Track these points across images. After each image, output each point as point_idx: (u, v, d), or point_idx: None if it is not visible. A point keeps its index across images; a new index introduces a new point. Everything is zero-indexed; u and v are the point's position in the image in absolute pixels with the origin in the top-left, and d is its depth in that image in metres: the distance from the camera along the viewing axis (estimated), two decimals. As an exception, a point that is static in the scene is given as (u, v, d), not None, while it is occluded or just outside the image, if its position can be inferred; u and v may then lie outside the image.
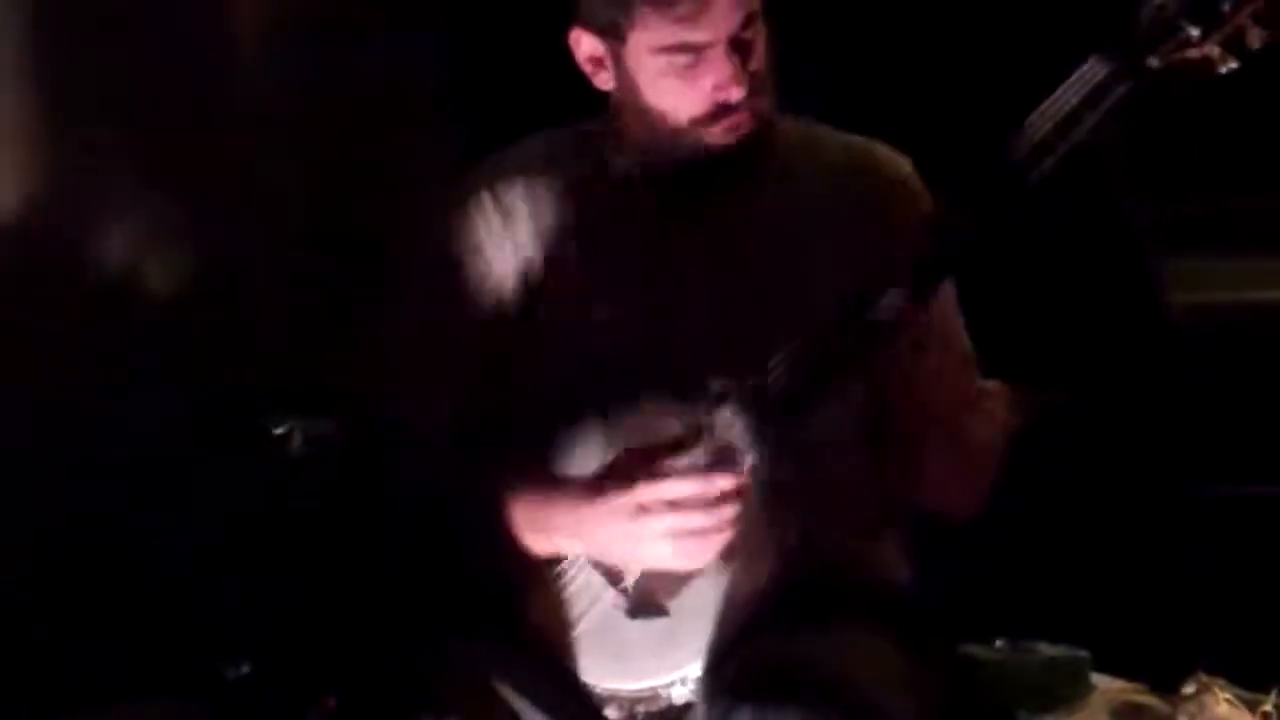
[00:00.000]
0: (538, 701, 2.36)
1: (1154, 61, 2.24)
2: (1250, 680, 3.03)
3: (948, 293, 2.50)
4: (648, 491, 2.36)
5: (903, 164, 2.60)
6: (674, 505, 2.36)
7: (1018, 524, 3.37)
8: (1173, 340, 3.72)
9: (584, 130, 2.67)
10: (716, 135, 2.51)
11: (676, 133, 2.51)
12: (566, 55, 2.65)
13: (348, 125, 3.59)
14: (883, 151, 2.61)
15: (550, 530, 2.42)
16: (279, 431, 3.20)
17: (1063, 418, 3.16)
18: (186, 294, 3.50)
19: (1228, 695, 2.99)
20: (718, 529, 2.35)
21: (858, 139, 2.63)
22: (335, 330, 3.39)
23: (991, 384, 2.53)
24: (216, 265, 3.52)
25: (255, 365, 3.45)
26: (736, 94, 2.48)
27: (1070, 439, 3.53)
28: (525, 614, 2.44)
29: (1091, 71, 2.27)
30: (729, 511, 2.35)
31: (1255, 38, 2.22)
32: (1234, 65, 2.23)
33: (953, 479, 2.49)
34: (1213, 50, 2.23)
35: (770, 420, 2.38)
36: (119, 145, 3.47)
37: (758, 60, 2.50)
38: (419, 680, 2.37)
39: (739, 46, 2.48)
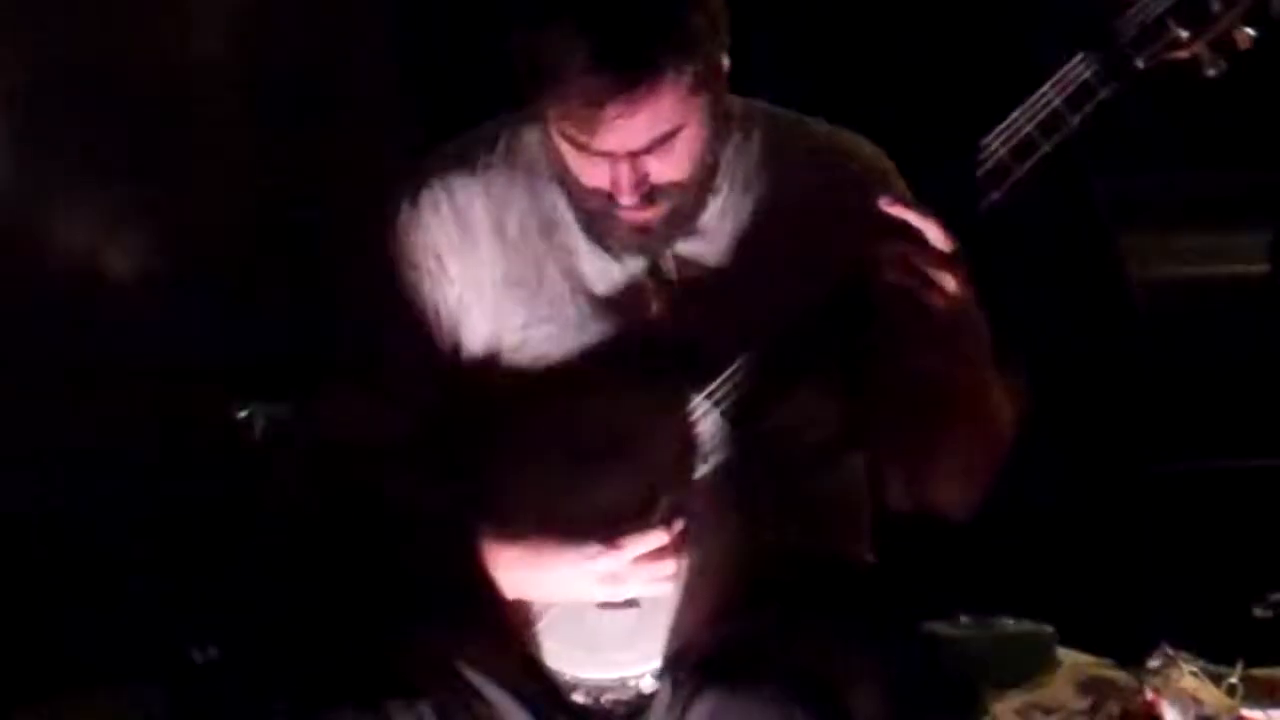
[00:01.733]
0: (505, 687, 2.36)
1: (1140, 62, 2.22)
2: (1216, 654, 3.05)
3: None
4: (612, 561, 2.34)
5: (874, 153, 2.54)
6: (639, 560, 2.34)
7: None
8: (1134, 316, 3.74)
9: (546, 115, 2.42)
10: (624, 215, 2.38)
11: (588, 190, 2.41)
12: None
13: (304, 109, 3.58)
14: (853, 142, 2.54)
15: (511, 587, 2.40)
16: (242, 416, 3.19)
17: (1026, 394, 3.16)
18: (148, 282, 3.48)
19: (1193, 668, 3.01)
20: (681, 571, 2.34)
21: (828, 130, 2.56)
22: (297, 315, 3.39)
23: None
24: (176, 253, 3.51)
25: (219, 352, 3.44)
26: (627, 200, 2.33)
27: (1032, 415, 3.54)
28: (492, 601, 2.42)
29: (1076, 71, 2.23)
30: (687, 552, 2.34)
31: (1243, 39, 2.20)
32: (1223, 66, 2.21)
33: (969, 454, 2.43)
34: (1201, 51, 2.21)
35: (733, 424, 2.36)
36: (75, 134, 3.45)
37: (673, 170, 2.33)
38: (389, 666, 2.36)
39: (641, 159, 2.30)
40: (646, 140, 2.29)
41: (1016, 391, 2.43)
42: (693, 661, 2.28)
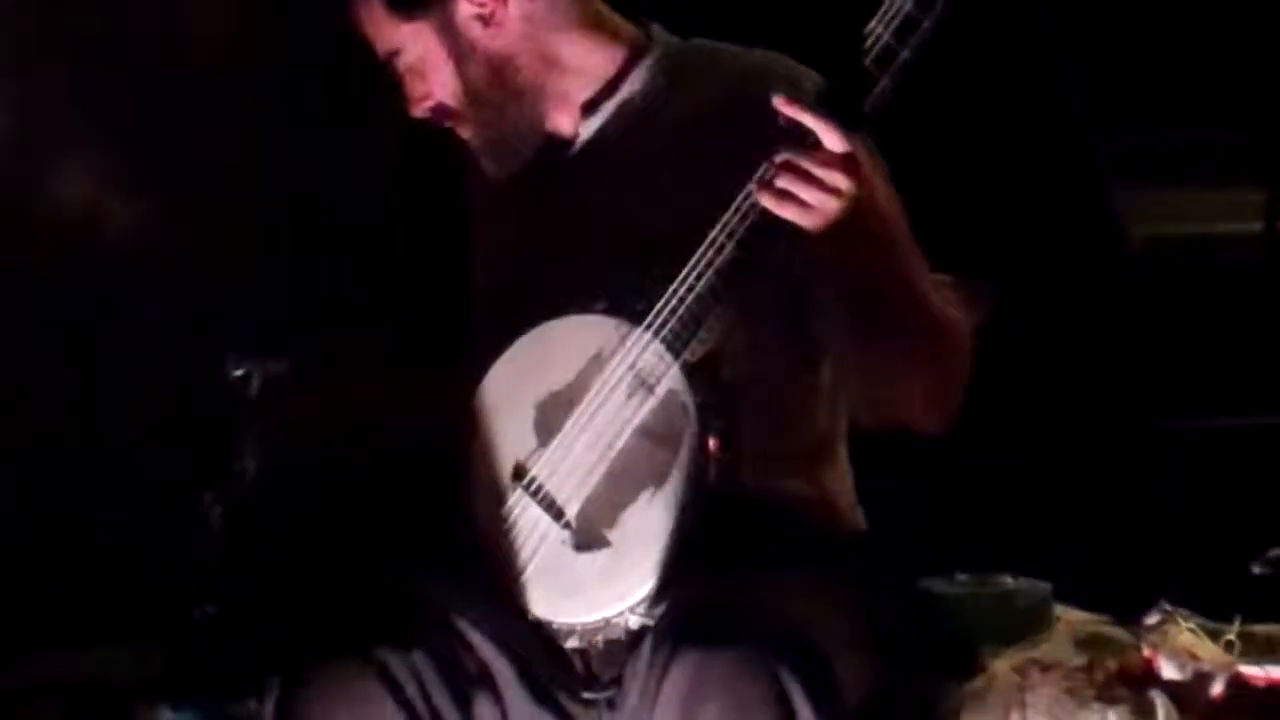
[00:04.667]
0: (496, 638, 2.37)
1: None
2: (1214, 610, 3.05)
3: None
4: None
5: (801, 71, 2.52)
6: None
7: (980, 457, 3.38)
8: (1135, 273, 3.74)
9: None
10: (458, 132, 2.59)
11: None
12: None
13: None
14: (779, 60, 2.54)
15: None
16: (238, 374, 3.18)
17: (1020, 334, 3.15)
18: (146, 243, 3.49)
19: (1191, 625, 3.01)
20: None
21: (763, 54, 2.55)
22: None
23: (942, 277, 2.46)
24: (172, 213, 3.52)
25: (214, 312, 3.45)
26: (415, 110, 2.56)
27: (1032, 372, 3.54)
28: (479, 555, 2.43)
29: None
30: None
31: None
32: None
33: (929, 369, 2.42)
34: None
35: (675, 352, 2.35)
36: (85, 97, 3.45)
37: (438, 92, 2.54)
38: (385, 617, 2.37)
39: (409, 76, 2.55)
40: (383, 51, 2.53)
41: (967, 304, 2.43)
42: (671, 617, 2.28)
